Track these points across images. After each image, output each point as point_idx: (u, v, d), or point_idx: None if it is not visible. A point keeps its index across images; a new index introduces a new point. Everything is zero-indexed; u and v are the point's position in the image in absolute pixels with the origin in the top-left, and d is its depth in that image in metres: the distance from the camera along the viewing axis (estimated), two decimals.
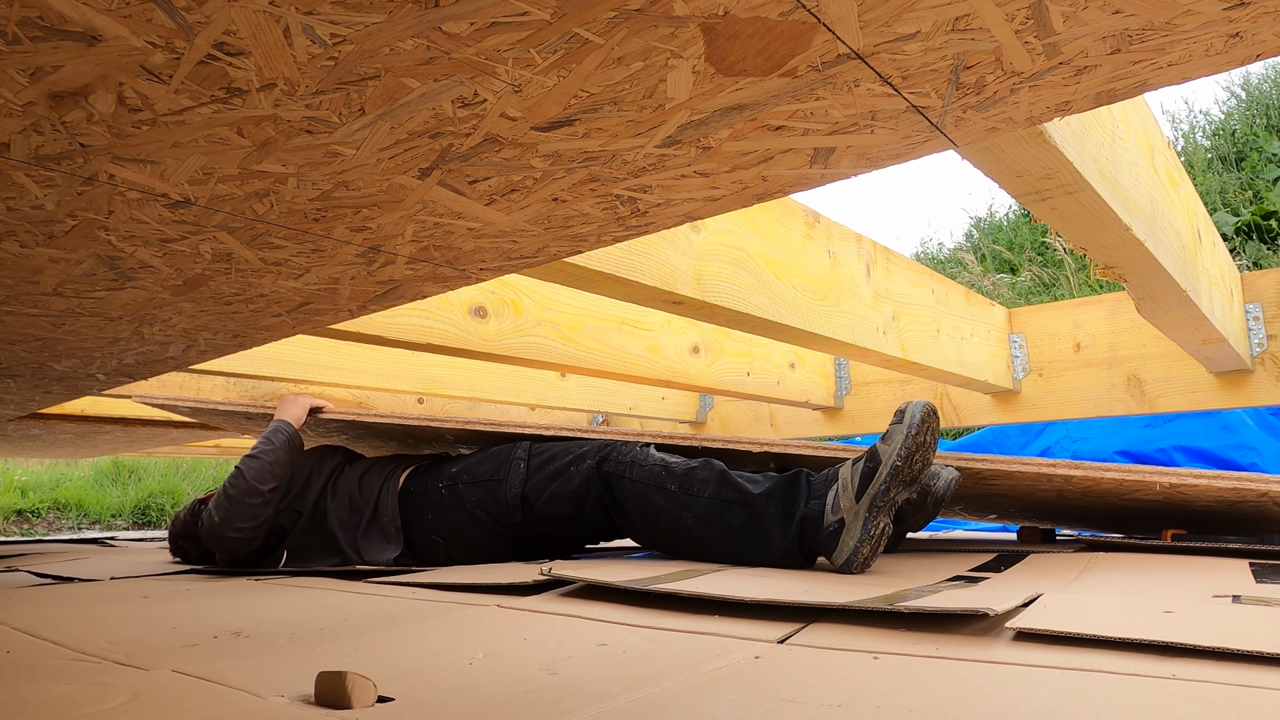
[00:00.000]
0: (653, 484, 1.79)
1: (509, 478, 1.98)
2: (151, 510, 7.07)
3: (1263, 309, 2.58)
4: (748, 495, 1.68)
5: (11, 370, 1.54)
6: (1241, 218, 5.47)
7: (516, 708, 0.75)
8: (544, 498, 1.94)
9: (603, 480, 1.87)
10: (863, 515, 1.54)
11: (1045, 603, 1.11)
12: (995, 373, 2.86)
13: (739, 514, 1.68)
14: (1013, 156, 1.11)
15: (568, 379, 3.36)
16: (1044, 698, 0.72)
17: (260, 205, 0.79)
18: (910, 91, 0.62)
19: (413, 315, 1.91)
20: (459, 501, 2.03)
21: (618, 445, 1.92)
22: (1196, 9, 0.54)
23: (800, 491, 1.65)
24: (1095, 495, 1.81)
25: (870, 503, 1.54)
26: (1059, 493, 1.85)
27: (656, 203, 0.83)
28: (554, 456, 1.98)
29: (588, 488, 1.89)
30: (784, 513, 1.64)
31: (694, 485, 1.74)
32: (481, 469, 2.04)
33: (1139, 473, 1.63)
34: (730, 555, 1.71)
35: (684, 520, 1.74)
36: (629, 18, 0.52)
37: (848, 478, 1.59)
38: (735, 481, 1.71)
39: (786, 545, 1.63)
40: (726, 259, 1.63)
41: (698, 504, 1.73)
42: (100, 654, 1.03)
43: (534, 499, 1.95)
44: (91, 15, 0.49)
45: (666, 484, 1.77)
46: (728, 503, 1.70)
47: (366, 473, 2.20)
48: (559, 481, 1.93)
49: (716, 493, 1.71)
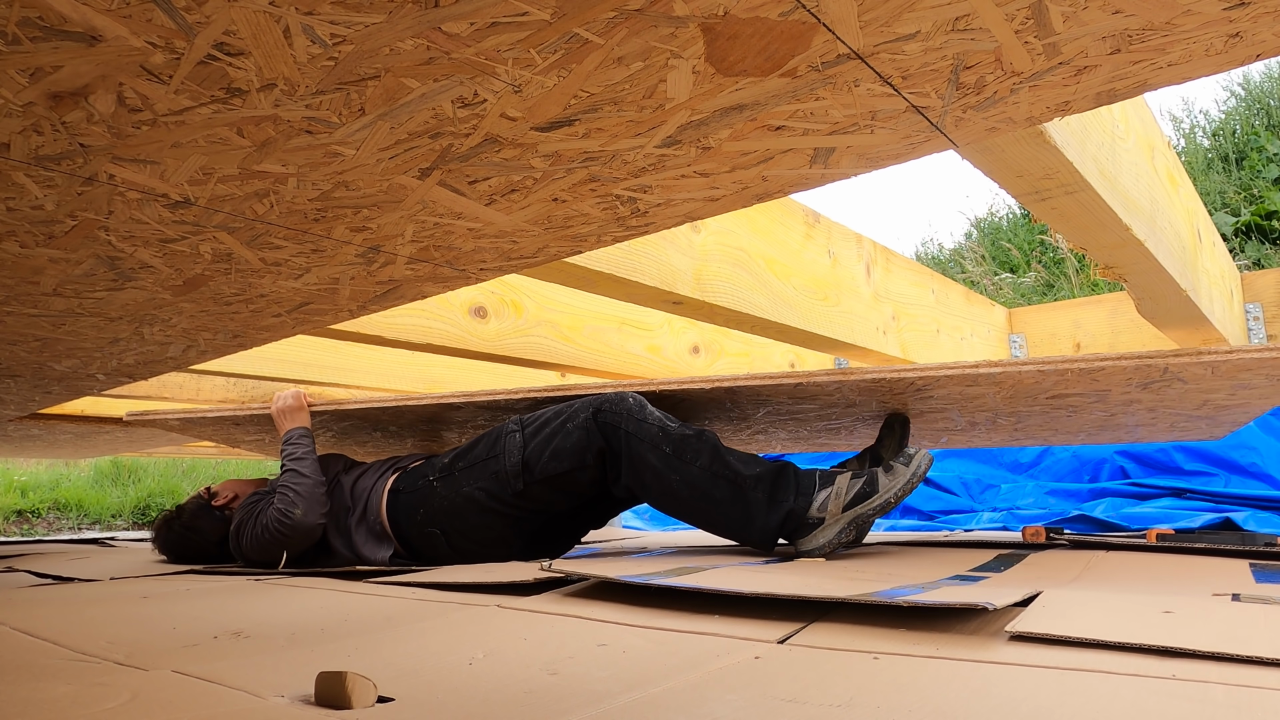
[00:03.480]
0: (648, 441, 1.86)
1: (506, 450, 2.00)
2: (151, 510, 7.06)
3: (1263, 309, 2.58)
4: (739, 475, 1.79)
5: (11, 370, 1.54)
6: (1241, 218, 5.47)
7: (516, 708, 0.75)
8: (545, 457, 1.96)
9: (600, 430, 1.92)
10: (842, 523, 1.73)
11: (1045, 602, 1.11)
12: None
13: (726, 489, 1.80)
14: (1013, 156, 1.11)
15: (568, 379, 3.36)
16: (1044, 698, 0.72)
17: (260, 205, 0.79)
18: (910, 91, 0.62)
19: (413, 315, 1.91)
20: (455, 489, 2.03)
21: (609, 396, 1.96)
22: (1196, 9, 0.54)
23: (788, 484, 1.78)
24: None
25: (854, 518, 1.73)
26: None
27: (656, 203, 0.83)
28: (547, 420, 2.00)
29: (588, 439, 1.92)
30: (770, 499, 1.77)
31: (688, 453, 1.83)
32: (475, 452, 2.05)
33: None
34: (709, 523, 1.86)
35: (672, 482, 1.85)
36: (629, 18, 0.52)
37: (843, 488, 1.75)
38: (727, 460, 1.81)
39: (767, 528, 1.77)
40: (726, 259, 1.63)
41: (689, 471, 1.82)
42: (100, 654, 1.03)
43: (534, 462, 1.97)
44: (91, 15, 0.49)
45: (662, 445, 1.85)
46: (717, 477, 1.80)
47: (359, 479, 2.21)
48: (559, 439, 1.96)
49: (709, 465, 1.81)
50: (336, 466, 2.29)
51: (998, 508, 3.83)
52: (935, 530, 3.49)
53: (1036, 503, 3.76)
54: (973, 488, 4.16)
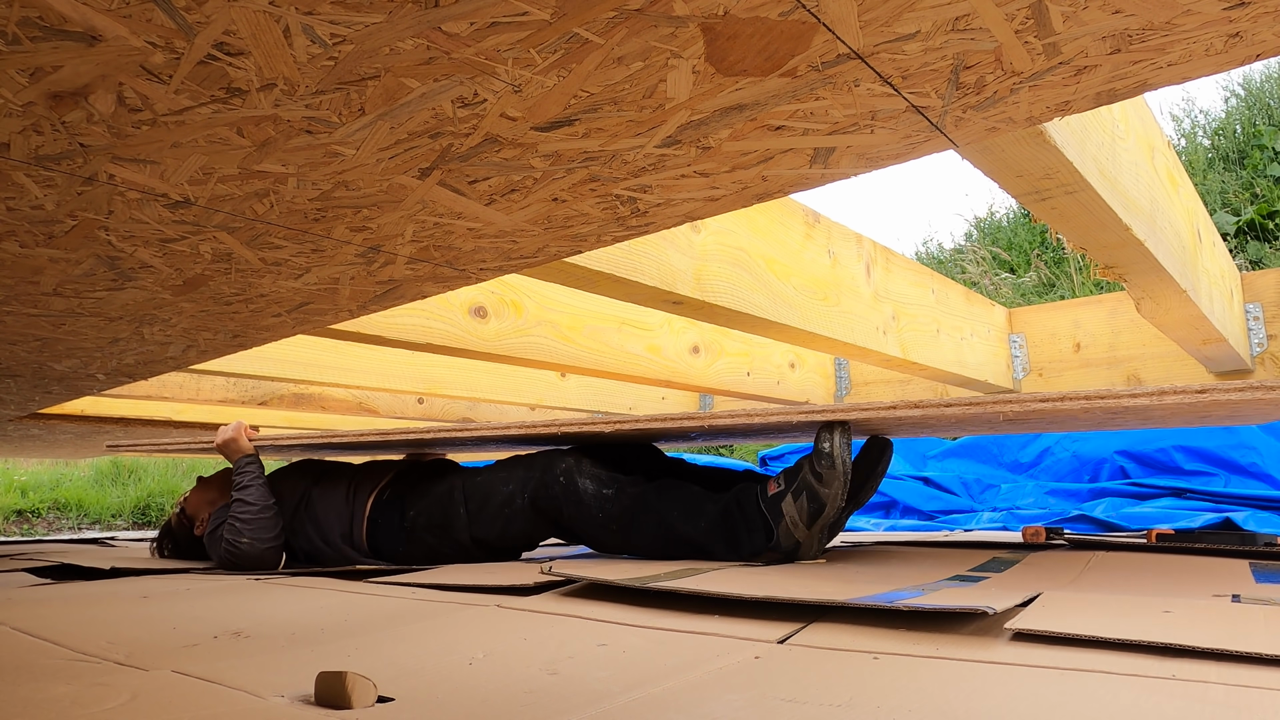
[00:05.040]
0: (593, 522, 1.88)
1: (455, 524, 2.04)
2: (151, 510, 7.06)
3: (1263, 309, 2.57)
4: (692, 539, 1.79)
5: (11, 370, 1.54)
6: (1242, 218, 5.47)
7: (516, 708, 0.75)
8: (495, 535, 2.01)
9: (541, 514, 1.95)
10: (817, 537, 1.73)
11: (1045, 602, 1.11)
12: (995, 373, 2.86)
13: (682, 549, 1.81)
14: (1013, 156, 1.11)
15: (568, 379, 3.36)
16: (1044, 698, 0.72)
17: (260, 205, 0.79)
18: (910, 91, 0.62)
19: (413, 315, 1.91)
20: (423, 541, 2.09)
21: (542, 478, 1.95)
22: (1196, 9, 0.54)
23: (739, 526, 1.77)
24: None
25: (821, 529, 1.73)
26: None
27: (656, 203, 0.83)
28: (488, 497, 2.03)
29: (534, 525, 1.98)
30: (729, 546, 1.77)
31: (635, 530, 1.84)
32: (433, 514, 2.09)
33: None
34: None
35: (632, 549, 1.89)
36: (629, 18, 0.52)
37: (793, 514, 1.72)
38: (675, 528, 1.80)
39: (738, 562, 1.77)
40: (726, 259, 1.63)
41: (642, 541, 1.85)
42: (100, 654, 1.03)
43: (488, 538, 2.02)
44: (91, 15, 0.49)
45: (609, 525, 1.87)
46: (670, 542, 1.82)
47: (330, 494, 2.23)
48: (502, 522, 2.00)
49: (660, 534, 1.82)
50: (305, 480, 2.30)
51: (998, 508, 3.83)
52: (935, 530, 3.49)
53: (1036, 503, 3.76)
54: (973, 488, 4.16)
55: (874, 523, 3.95)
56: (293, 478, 2.34)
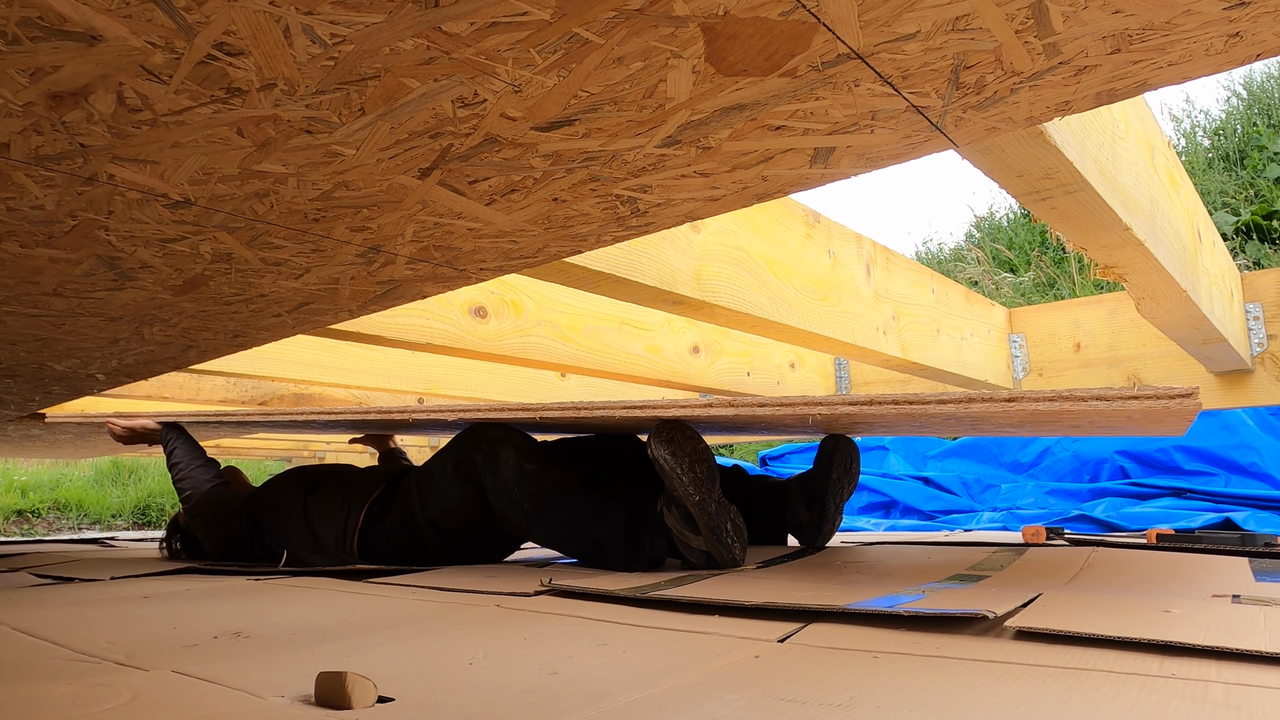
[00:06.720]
0: (508, 500, 1.87)
1: (414, 513, 2.04)
2: (151, 510, 7.07)
3: (1263, 309, 2.57)
4: (594, 537, 1.80)
5: (12, 370, 1.54)
6: (1242, 218, 5.47)
7: (516, 708, 0.75)
8: (439, 516, 2.00)
9: (466, 482, 1.94)
10: (714, 537, 1.69)
11: (1044, 602, 1.11)
12: (995, 372, 2.86)
13: (585, 545, 1.82)
14: (1013, 156, 1.11)
15: (568, 379, 3.36)
16: (1044, 697, 0.72)
17: (260, 205, 0.79)
18: (910, 91, 0.62)
19: (413, 315, 1.91)
20: (400, 542, 2.10)
21: (465, 445, 1.95)
22: (1196, 9, 0.54)
23: (641, 531, 1.76)
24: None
25: (710, 530, 1.69)
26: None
27: (656, 203, 0.83)
28: (430, 474, 2.02)
29: (463, 496, 1.95)
30: (628, 552, 1.76)
31: (545, 514, 1.85)
32: (401, 510, 2.09)
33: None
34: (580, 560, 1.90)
35: (537, 534, 1.90)
36: (629, 18, 0.52)
37: (677, 527, 1.72)
38: (582, 523, 1.81)
39: (632, 571, 1.74)
40: (726, 259, 1.63)
41: (549, 526, 1.86)
42: (100, 654, 1.03)
43: (438, 521, 2.01)
44: (91, 15, 0.49)
45: (520, 502, 1.86)
46: (575, 535, 1.82)
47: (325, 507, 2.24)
48: (440, 497, 1.98)
49: (566, 523, 1.83)
50: (299, 492, 2.31)
51: (998, 507, 3.83)
52: (935, 530, 3.49)
53: (1037, 502, 3.76)
54: (973, 488, 4.17)
55: (874, 523, 3.96)
56: (289, 485, 2.35)
